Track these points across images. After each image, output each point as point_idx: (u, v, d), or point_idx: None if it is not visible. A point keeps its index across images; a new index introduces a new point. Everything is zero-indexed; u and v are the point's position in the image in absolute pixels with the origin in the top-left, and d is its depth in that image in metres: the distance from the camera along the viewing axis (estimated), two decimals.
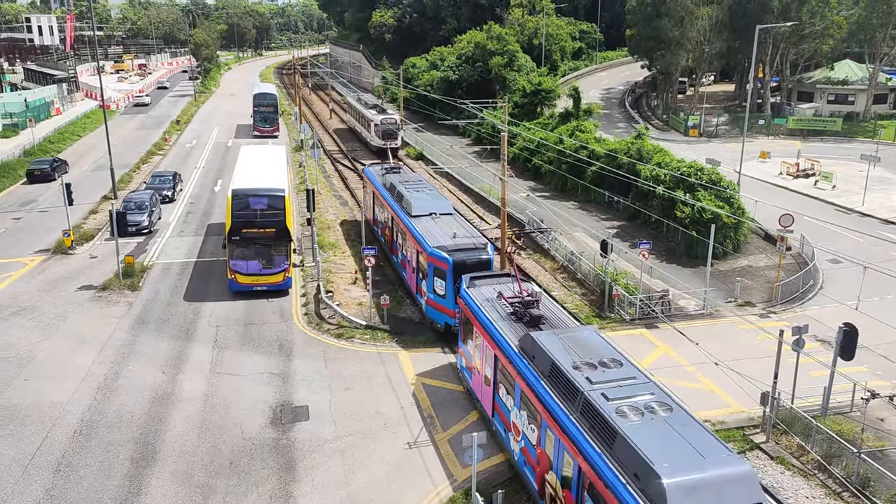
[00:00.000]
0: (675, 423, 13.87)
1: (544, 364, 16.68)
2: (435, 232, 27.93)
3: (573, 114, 54.33)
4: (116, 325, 27.65)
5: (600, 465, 13.65)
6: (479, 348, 20.76)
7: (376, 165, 39.29)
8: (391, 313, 28.35)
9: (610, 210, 42.10)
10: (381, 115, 57.61)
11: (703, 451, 12.94)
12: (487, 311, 20.43)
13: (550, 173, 47.62)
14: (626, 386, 15.32)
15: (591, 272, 31.44)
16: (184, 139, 67.39)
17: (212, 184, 49.61)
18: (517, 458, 18.19)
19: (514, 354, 18.04)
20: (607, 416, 14.10)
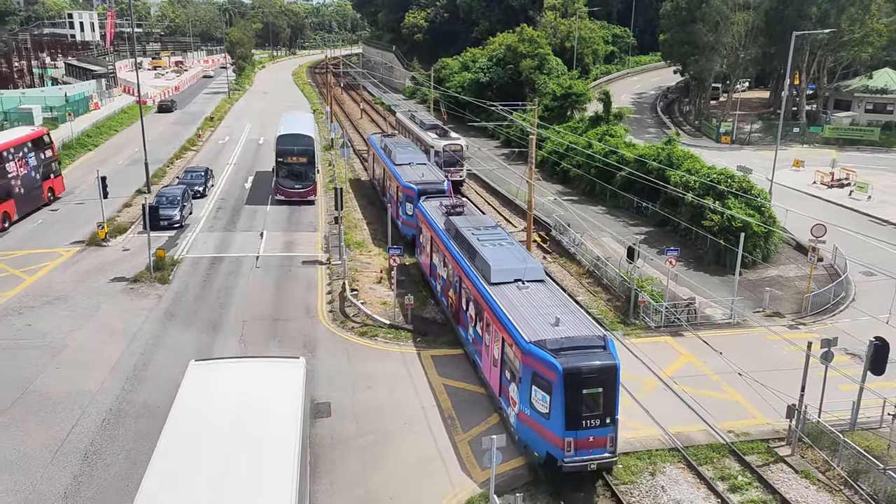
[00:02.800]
0: (514, 250, 24.94)
1: (452, 230, 27.55)
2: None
3: (603, 118, 53.95)
4: (146, 317, 28.11)
5: (468, 271, 24.39)
6: (424, 237, 31.05)
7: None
8: (415, 313, 28.40)
9: (638, 216, 41.75)
10: (444, 140, 47.02)
11: (521, 258, 24.03)
12: (431, 213, 30.43)
13: (579, 177, 47.36)
14: (492, 235, 26.36)
15: (617, 278, 31.21)
16: (217, 136, 68.22)
17: (242, 180, 50.10)
18: (439, 293, 28.68)
19: (439, 230, 28.64)
20: (476, 246, 24.99)
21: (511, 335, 19.90)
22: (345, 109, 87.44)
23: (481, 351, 23.03)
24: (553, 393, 18.41)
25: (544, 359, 18.60)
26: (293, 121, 49.46)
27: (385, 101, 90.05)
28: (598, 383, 18.38)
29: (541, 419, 18.81)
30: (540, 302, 21.38)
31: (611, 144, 45.90)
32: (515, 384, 19.75)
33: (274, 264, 33.83)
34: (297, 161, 42.68)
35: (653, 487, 19.29)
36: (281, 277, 32.21)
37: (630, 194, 42.16)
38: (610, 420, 18.49)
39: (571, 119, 59.77)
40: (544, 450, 18.81)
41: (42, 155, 41.19)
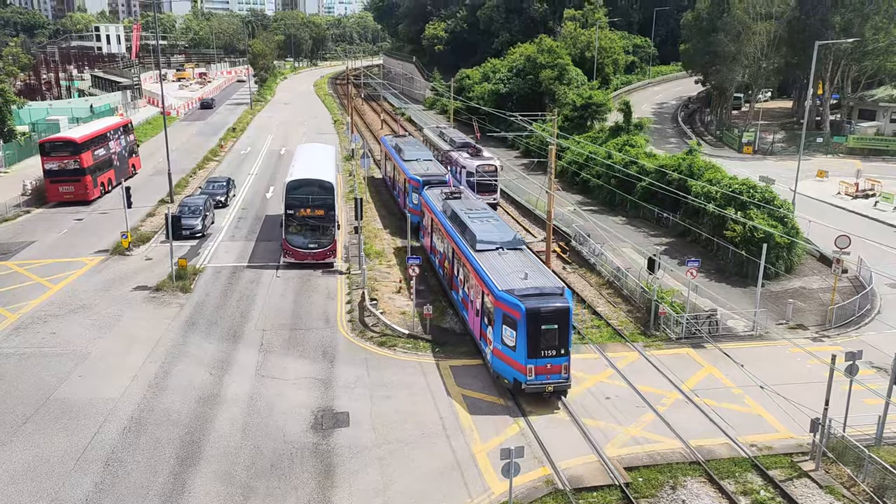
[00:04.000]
0: (498, 225, 29.35)
1: (449, 211, 31.99)
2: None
3: (624, 128, 53.74)
4: (168, 326, 28.38)
5: (459, 242, 28.62)
6: (426, 220, 35.56)
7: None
8: (434, 323, 28.42)
9: (659, 226, 41.49)
10: (477, 160, 45.21)
11: (503, 231, 28.66)
12: (432, 199, 34.83)
13: (599, 188, 47.19)
14: (482, 214, 30.76)
15: (638, 289, 31.01)
16: (239, 146, 68.93)
17: (264, 190, 50.54)
18: (437, 265, 33.12)
19: (438, 212, 32.99)
20: (466, 222, 29.46)
21: (488, 287, 24.72)
22: (365, 120, 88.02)
23: (467, 306, 27.84)
24: (518, 329, 23.10)
25: (512, 302, 23.32)
26: (309, 158, 40.99)
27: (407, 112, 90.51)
28: (554, 321, 23.01)
29: (509, 352, 23.53)
30: (515, 264, 26.06)
31: (631, 155, 45.70)
32: (491, 326, 24.48)
33: (294, 274, 34.03)
34: (312, 214, 34.38)
35: (673, 501, 19.07)
36: (301, 287, 32.38)
37: (651, 205, 41.91)
38: (564, 352, 23.17)
39: (591, 129, 59.59)
40: (512, 376, 23.50)
41: (129, 137, 52.83)
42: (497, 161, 46.12)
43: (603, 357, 26.56)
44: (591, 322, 29.58)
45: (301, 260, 34.43)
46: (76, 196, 44.90)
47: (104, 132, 48.55)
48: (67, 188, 44.85)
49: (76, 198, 44.90)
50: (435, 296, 31.68)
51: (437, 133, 55.53)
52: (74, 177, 44.69)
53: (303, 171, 36.23)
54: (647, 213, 42.63)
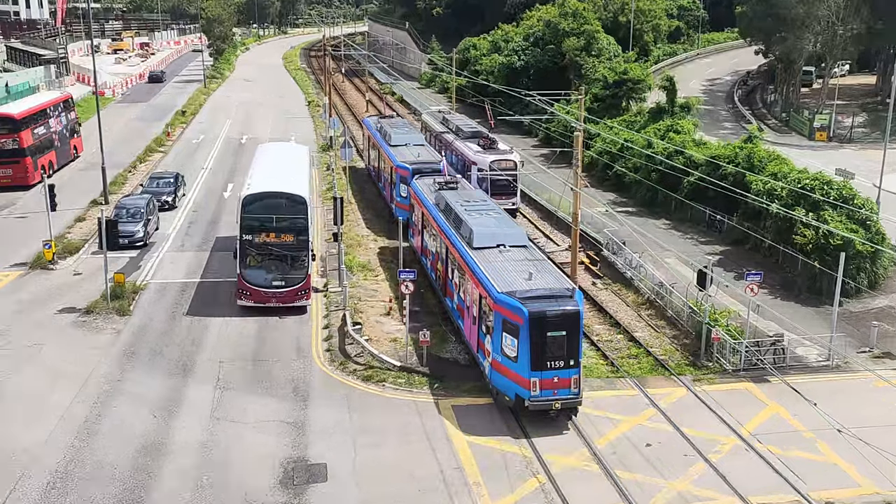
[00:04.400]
0: (500, 219, 31.01)
1: (442, 203, 33.51)
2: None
3: (667, 110, 53.89)
4: (101, 357, 28.43)
5: (454, 239, 30.03)
6: (416, 216, 36.92)
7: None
8: (432, 353, 28.48)
9: (710, 231, 41.63)
10: (491, 155, 45.04)
11: (504, 225, 30.34)
12: (423, 190, 36.53)
13: (636, 183, 47.33)
14: (481, 206, 32.24)
15: (685, 309, 31.09)
16: (189, 133, 69.20)
17: (221, 188, 50.75)
18: (428, 269, 34.82)
19: (429, 205, 34.54)
20: (462, 215, 30.72)
21: (486, 289, 25.93)
22: (347, 101, 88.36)
23: (463, 314, 29.09)
24: (520, 336, 24.26)
25: (512, 305, 24.52)
26: (273, 163, 38.96)
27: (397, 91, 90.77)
28: (562, 327, 24.20)
29: (510, 363, 24.69)
30: (518, 263, 27.30)
31: (676, 143, 45.87)
32: (489, 335, 25.64)
33: None
34: (278, 241, 31.69)
35: None
36: (268, 308, 32.50)
37: (700, 205, 42.04)
38: (574, 362, 24.41)
39: (627, 112, 59.80)
40: (513, 392, 24.70)
41: (70, 115, 55.46)
42: (516, 156, 45.88)
43: (642, 394, 26.60)
44: (628, 350, 29.69)
45: (263, 303, 31.59)
46: (14, 180, 46.92)
47: (44, 108, 50.61)
48: (4, 171, 46.67)
49: (14, 182, 46.94)
50: (433, 318, 31.76)
51: (438, 119, 55.35)
52: (13, 158, 46.57)
53: (265, 181, 34.04)
54: (695, 216, 42.76)
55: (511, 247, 28.68)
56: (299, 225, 31.71)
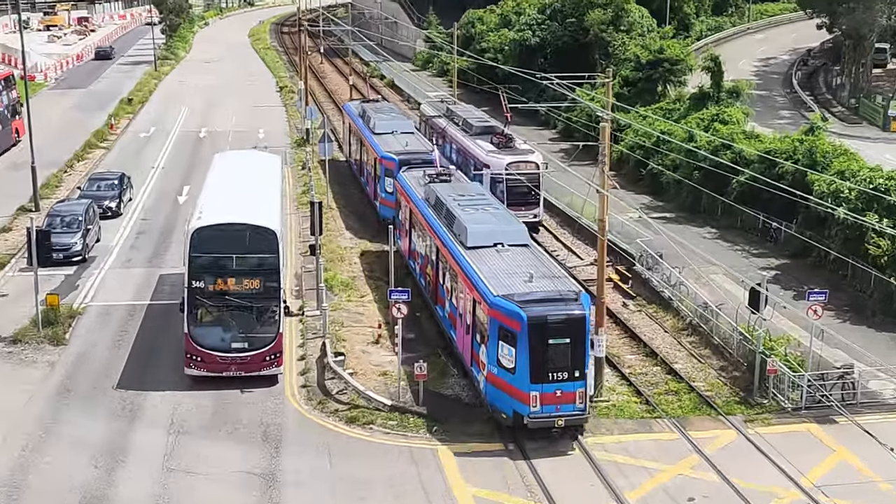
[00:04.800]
0: (498, 214, 32.97)
1: (433, 198, 34.82)
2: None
3: (711, 96, 53.97)
4: (31, 396, 28.35)
5: (445, 238, 31.43)
6: (403, 213, 38.80)
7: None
8: (430, 389, 28.46)
9: (764, 242, 41.75)
10: (508, 155, 44.40)
11: (504, 221, 32.06)
12: (411, 183, 38.06)
13: (675, 184, 47.41)
14: (477, 201, 33.89)
15: (734, 336, 31.07)
16: (137, 125, 69.39)
17: (175, 191, 50.86)
18: (417, 274, 36.46)
19: (418, 200, 36.19)
20: (455, 210, 32.20)
21: (480, 293, 27.13)
22: (327, 86, 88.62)
23: (455, 323, 30.43)
24: (518, 345, 25.44)
25: (509, 309, 25.75)
26: (234, 180, 36.36)
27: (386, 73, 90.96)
28: (566, 334, 25.59)
29: (507, 376, 25.84)
30: (518, 264, 28.62)
31: (723, 135, 45.93)
32: (484, 345, 26.89)
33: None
34: (240, 289, 29.00)
35: None
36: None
37: (753, 209, 42.10)
38: (579, 374, 25.66)
39: (663, 98, 59.91)
40: (511, 408, 25.85)
41: (10, 94, 57.88)
42: (539, 156, 45.13)
43: (684, 438, 26.60)
44: (666, 385, 29.72)
45: (219, 371, 28.77)
46: None
47: None
48: None
49: None
50: (430, 347, 31.77)
51: (440, 111, 55.18)
52: None
53: (222, 207, 31.21)
54: (747, 222, 42.86)
55: (510, 246, 29.98)
56: (268, 266, 28.95)
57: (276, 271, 29.14)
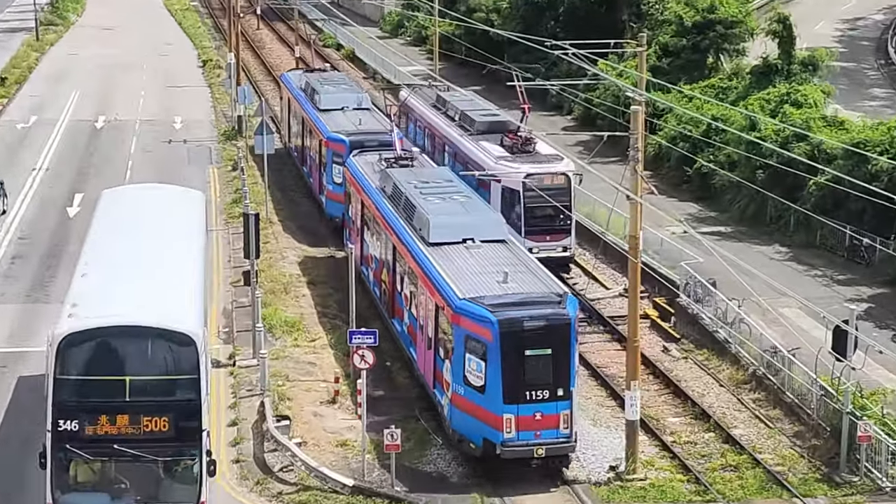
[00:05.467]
0: (470, 204, 34.79)
1: (390, 187, 36.91)
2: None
3: (779, 69, 53.95)
4: None
5: (404, 234, 33.44)
6: (354, 209, 41.16)
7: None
8: (405, 464, 28.41)
9: (853, 264, 41.91)
10: (527, 164, 42.31)
11: (474, 214, 33.77)
12: (364, 170, 40.68)
13: (732, 187, 47.49)
14: (444, 188, 35.97)
15: (813, 391, 31.00)
16: (13, 113, 69.35)
17: (64, 200, 50.84)
18: (371, 283, 38.90)
19: (372, 190, 38.40)
20: (415, 200, 34.07)
21: (444, 296, 28.85)
22: (266, 59, 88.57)
23: (416, 338, 32.27)
24: (488, 357, 27.09)
25: (477, 315, 27.37)
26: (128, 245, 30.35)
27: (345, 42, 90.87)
28: (546, 343, 27.19)
29: (476, 396, 27.43)
30: (492, 263, 30.53)
31: (795, 122, 45.97)
32: (449, 360, 28.52)
33: None
34: (135, 432, 24.19)
35: None
36: None
37: (837, 221, 42.23)
38: (563, 393, 27.19)
39: (715, 72, 60.01)
40: (480, 435, 27.35)
41: None
42: (569, 165, 42.98)
43: None
44: (723, 458, 29.65)
45: None
46: None
47: None
48: None
49: None
50: (406, 408, 31.70)
51: (429, 101, 53.61)
52: None
53: (107, 297, 26.85)
54: (828, 238, 43.05)
55: (483, 242, 32.06)
56: (183, 394, 24.60)
57: (196, 402, 24.27)
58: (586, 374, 34.64)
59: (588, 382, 34.22)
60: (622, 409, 29.65)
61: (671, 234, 43.34)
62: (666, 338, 37.29)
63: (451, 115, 49.83)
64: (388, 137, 43.85)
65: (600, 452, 29.70)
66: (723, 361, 35.05)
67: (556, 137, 58.08)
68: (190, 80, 79.79)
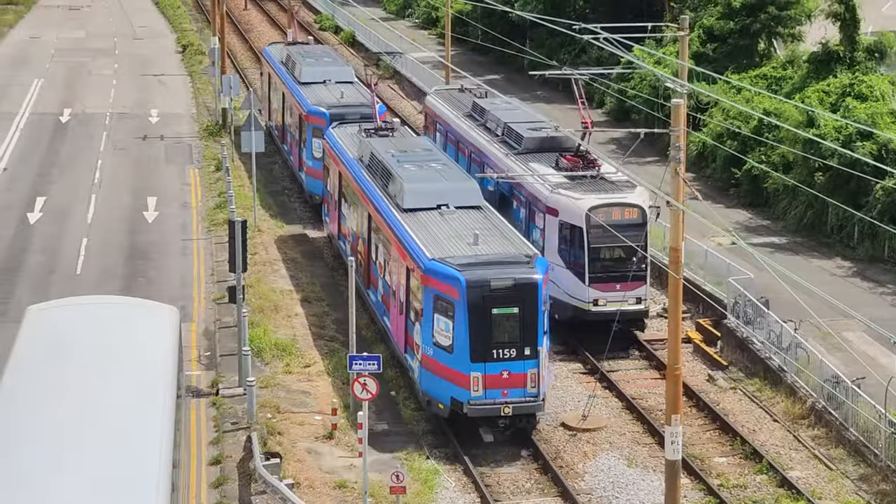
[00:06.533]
0: (446, 170, 38.91)
1: (367, 156, 40.86)
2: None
3: (841, 56, 53.89)
4: None
5: (379, 202, 37.31)
6: (332, 181, 45.39)
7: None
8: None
9: None
10: (591, 194, 39.27)
11: (450, 180, 38.00)
12: (342, 141, 44.67)
13: (786, 193, 47.47)
14: (422, 156, 40.12)
15: (881, 427, 30.89)
16: None
17: (23, 205, 51.08)
18: (348, 254, 40.10)
19: (349, 160, 42.39)
20: (391, 167, 38.24)
21: (414, 258, 32.81)
22: (254, 44, 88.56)
23: (389, 305, 36.21)
24: (456, 316, 30.96)
25: (446, 274, 31.34)
26: (54, 418, 22.17)
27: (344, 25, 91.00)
28: (513, 301, 31.19)
29: (444, 356, 31.35)
30: (465, 228, 34.47)
31: (860, 117, 45.85)
32: (418, 323, 32.54)
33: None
34: None
35: None
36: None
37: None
38: (530, 352, 31.10)
39: (767, 61, 60.00)
40: (448, 395, 31.18)
41: None
42: (644, 195, 39.94)
43: None
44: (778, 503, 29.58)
45: None
46: None
47: None
48: None
49: None
50: (413, 444, 31.72)
51: (466, 109, 50.33)
52: None
53: None
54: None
55: (458, 208, 36.26)
56: None
57: None
58: (620, 407, 34.75)
59: (622, 416, 34.22)
60: (661, 447, 29.37)
61: (717, 245, 43.29)
62: (711, 365, 37.22)
63: (490, 127, 46.85)
64: (368, 110, 48.59)
65: (636, 497, 29.63)
66: (777, 393, 34.92)
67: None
68: (168, 68, 80.00)
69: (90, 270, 43.75)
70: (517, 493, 30.02)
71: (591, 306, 37.91)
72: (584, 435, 32.85)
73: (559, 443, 32.53)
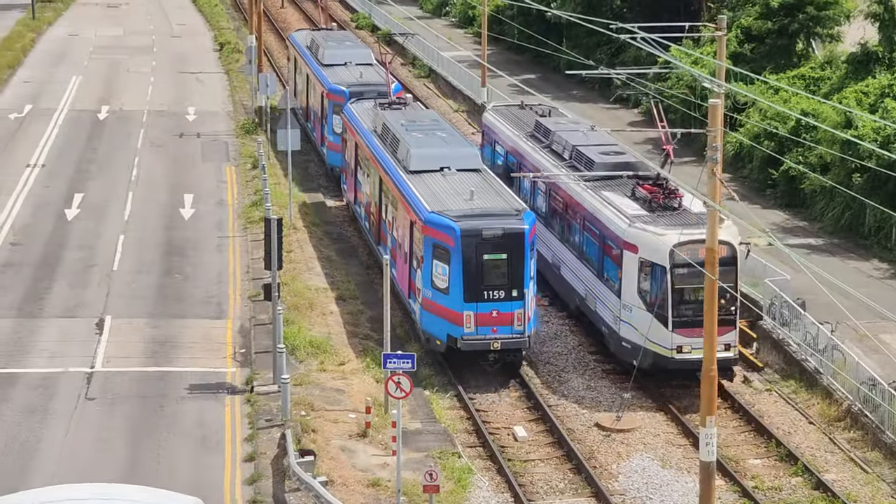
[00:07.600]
0: (450, 139, 44.02)
1: (380, 126, 45.67)
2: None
3: (881, 57, 53.52)
4: None
5: (389, 166, 42.20)
6: (349, 151, 50.07)
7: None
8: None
9: None
10: (675, 228, 35.95)
11: (453, 146, 43.04)
12: (360, 115, 48.80)
13: (824, 194, 47.30)
14: (429, 126, 45.24)
15: None
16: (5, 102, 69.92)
17: (62, 201, 51.21)
18: (363, 218, 47.08)
19: (364, 131, 46.68)
20: (400, 134, 43.32)
21: (416, 211, 37.40)
22: None
23: (396, 256, 39.99)
24: (451, 261, 35.51)
25: (443, 224, 35.81)
26: None
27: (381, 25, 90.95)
28: (502, 248, 35.78)
29: (441, 297, 35.94)
30: (464, 187, 38.61)
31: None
32: (420, 269, 36.94)
33: (126, 391, 34.09)
34: None
35: None
36: (142, 422, 32.33)
37: None
38: (517, 293, 35.68)
39: (805, 61, 59.65)
40: (444, 332, 35.80)
41: None
42: (734, 232, 37.14)
43: None
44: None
45: None
46: None
47: None
48: None
49: None
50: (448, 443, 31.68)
51: (528, 129, 47.31)
52: None
53: None
54: None
55: (459, 171, 40.59)
56: None
57: None
58: (653, 408, 34.62)
59: (656, 417, 34.21)
60: (695, 448, 29.33)
61: (753, 246, 43.00)
62: (747, 367, 37.08)
63: (557, 150, 43.85)
64: (384, 88, 53.56)
65: (670, 498, 29.65)
66: (813, 395, 34.81)
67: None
68: (205, 66, 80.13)
69: (127, 266, 43.98)
70: (550, 493, 29.95)
71: (674, 353, 34.50)
72: (617, 435, 32.84)
73: (593, 443, 32.50)
